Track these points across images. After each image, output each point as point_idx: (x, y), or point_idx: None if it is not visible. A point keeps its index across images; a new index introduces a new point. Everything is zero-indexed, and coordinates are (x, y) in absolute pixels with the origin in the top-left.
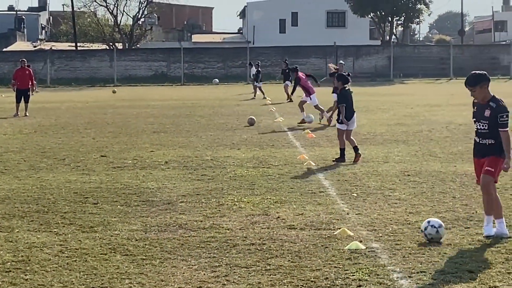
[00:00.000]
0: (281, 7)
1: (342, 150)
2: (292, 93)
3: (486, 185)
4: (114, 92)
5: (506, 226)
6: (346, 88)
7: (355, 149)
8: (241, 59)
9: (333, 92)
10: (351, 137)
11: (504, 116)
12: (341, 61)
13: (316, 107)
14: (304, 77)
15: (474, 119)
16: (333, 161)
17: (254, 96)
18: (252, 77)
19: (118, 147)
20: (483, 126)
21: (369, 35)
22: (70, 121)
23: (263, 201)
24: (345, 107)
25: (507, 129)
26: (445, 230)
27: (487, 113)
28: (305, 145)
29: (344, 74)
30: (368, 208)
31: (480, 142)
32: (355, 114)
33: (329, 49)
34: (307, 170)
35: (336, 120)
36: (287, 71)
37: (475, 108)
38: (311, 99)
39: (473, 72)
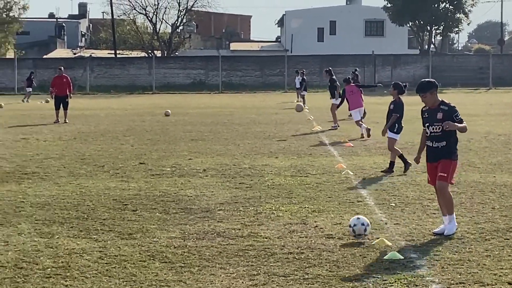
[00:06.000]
0: (320, 15)
1: (392, 164)
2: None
3: (442, 189)
4: None
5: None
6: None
7: (392, 164)
8: (279, 67)
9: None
10: (395, 148)
11: (458, 115)
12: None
13: None
14: None
15: (427, 124)
16: (382, 171)
17: (303, 103)
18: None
19: (156, 155)
20: (436, 129)
21: (407, 44)
22: (109, 128)
23: (301, 210)
24: (398, 118)
25: (464, 123)
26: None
27: (439, 115)
28: (343, 154)
29: (401, 84)
30: (406, 218)
31: (433, 146)
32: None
33: (367, 58)
34: (345, 179)
35: (389, 129)
36: None
37: (426, 114)
38: None
39: (423, 80)
